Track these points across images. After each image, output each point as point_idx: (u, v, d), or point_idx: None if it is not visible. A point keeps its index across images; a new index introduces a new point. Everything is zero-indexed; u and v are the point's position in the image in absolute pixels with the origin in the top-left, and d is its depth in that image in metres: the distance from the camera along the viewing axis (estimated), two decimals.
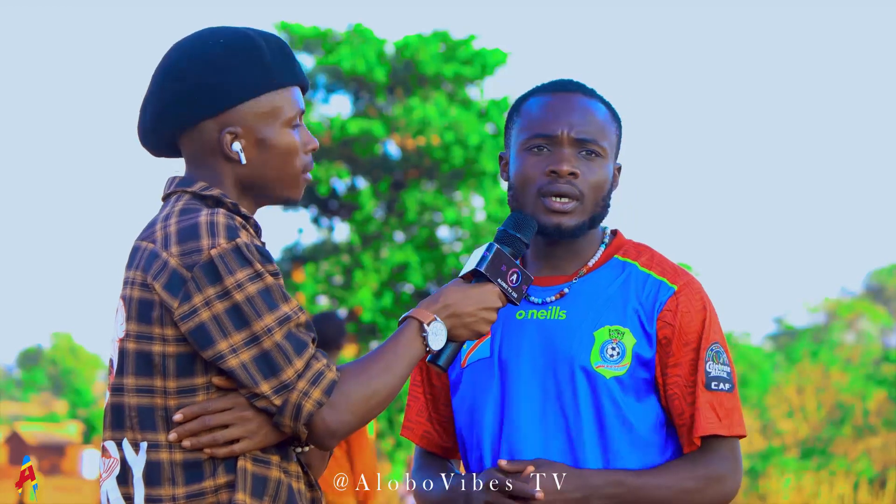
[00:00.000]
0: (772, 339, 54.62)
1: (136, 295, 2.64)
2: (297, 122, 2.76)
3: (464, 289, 2.80)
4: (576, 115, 3.05)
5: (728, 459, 3.02)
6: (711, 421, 2.98)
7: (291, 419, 2.59)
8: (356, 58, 27.95)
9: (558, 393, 3.01)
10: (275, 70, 2.73)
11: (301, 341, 2.60)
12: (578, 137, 3.03)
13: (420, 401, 3.24)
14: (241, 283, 2.58)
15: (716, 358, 3.02)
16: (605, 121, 3.07)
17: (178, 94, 2.70)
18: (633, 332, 3.00)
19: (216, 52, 2.71)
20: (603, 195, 3.05)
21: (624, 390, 2.99)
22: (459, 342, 2.81)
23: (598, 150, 3.03)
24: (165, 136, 2.76)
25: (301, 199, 2.98)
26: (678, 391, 3.00)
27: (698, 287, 3.05)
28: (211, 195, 2.70)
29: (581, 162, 3.03)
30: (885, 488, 20.87)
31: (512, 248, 2.92)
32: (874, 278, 67.25)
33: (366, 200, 27.78)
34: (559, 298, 3.05)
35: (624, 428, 2.99)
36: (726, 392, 3.02)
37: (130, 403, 2.65)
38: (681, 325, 3.00)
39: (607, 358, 2.99)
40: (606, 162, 3.05)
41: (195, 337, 2.58)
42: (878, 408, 23.54)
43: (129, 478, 2.64)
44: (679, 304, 3.01)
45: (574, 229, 3.03)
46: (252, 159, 2.73)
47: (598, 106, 3.08)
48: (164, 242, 2.63)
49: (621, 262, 3.07)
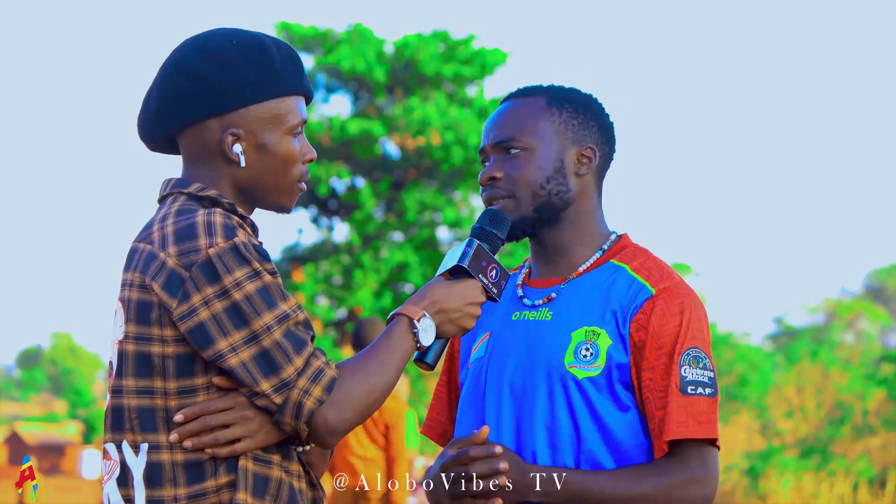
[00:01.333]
0: (771, 339, 54.60)
1: (135, 296, 2.63)
2: (299, 131, 2.76)
3: (448, 285, 2.81)
4: (495, 123, 3.13)
5: (695, 466, 2.94)
6: (684, 424, 2.93)
7: (292, 417, 2.59)
8: (356, 57, 27.96)
9: (533, 392, 3.01)
10: (283, 77, 2.73)
11: (300, 339, 2.60)
12: (495, 142, 3.11)
13: (443, 401, 3.26)
14: (239, 282, 2.57)
15: (693, 363, 2.97)
16: (532, 114, 3.10)
17: (185, 89, 2.70)
18: (609, 333, 2.99)
19: (228, 53, 2.70)
20: (539, 184, 3.07)
21: (598, 391, 2.97)
22: (446, 339, 2.82)
23: (518, 145, 3.08)
24: (167, 131, 2.75)
25: (300, 201, 2.98)
26: (650, 395, 2.97)
27: (681, 292, 3.01)
28: (207, 196, 2.70)
29: (507, 163, 3.09)
30: (885, 488, 20.87)
31: (489, 244, 2.93)
32: (874, 278, 67.27)
33: (365, 200, 27.78)
34: (549, 301, 3.07)
35: (599, 430, 2.97)
36: (706, 397, 2.97)
37: (130, 405, 2.64)
38: (654, 328, 2.97)
39: (580, 358, 2.99)
40: (533, 153, 3.08)
41: (194, 337, 2.58)
42: (878, 408, 23.52)
43: (130, 479, 2.64)
44: (655, 307, 2.98)
45: (517, 223, 3.06)
46: (251, 163, 2.73)
47: (528, 102, 3.13)
48: (161, 243, 2.62)
49: (614, 266, 3.07)
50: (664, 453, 2.95)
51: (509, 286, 3.16)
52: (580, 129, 3.11)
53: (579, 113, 3.12)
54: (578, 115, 3.12)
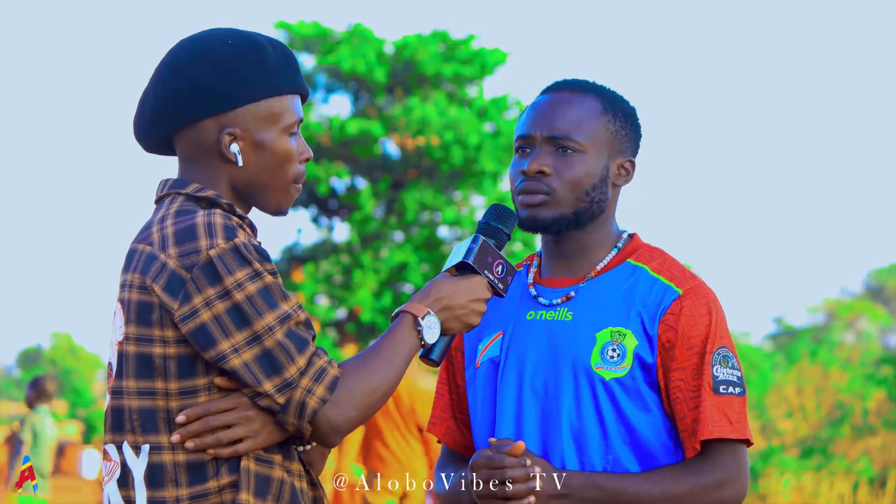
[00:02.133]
0: (771, 339, 54.58)
1: (135, 297, 2.63)
2: (295, 130, 2.76)
3: (453, 281, 2.81)
4: (551, 114, 3.05)
5: (729, 465, 2.97)
6: (718, 424, 2.95)
7: (296, 417, 2.59)
8: (356, 58, 27.96)
9: (558, 393, 3.00)
10: (279, 76, 2.73)
11: (302, 339, 2.61)
12: (550, 135, 3.03)
13: (445, 398, 3.25)
14: (240, 283, 2.58)
15: (724, 362, 2.99)
16: (590, 115, 3.06)
17: (181, 90, 2.70)
18: (634, 334, 2.99)
19: (223, 53, 2.70)
20: (586, 190, 3.03)
21: (625, 392, 2.97)
22: (451, 335, 2.82)
23: (573, 145, 3.03)
24: (163, 132, 2.75)
25: (299, 201, 2.98)
26: (680, 395, 2.97)
27: (706, 292, 3.02)
28: (205, 196, 2.70)
29: (557, 159, 3.03)
30: (885, 488, 20.87)
31: (495, 240, 2.92)
32: (874, 278, 67.26)
33: (365, 200, 27.77)
34: (567, 300, 3.05)
35: (626, 431, 2.98)
36: (737, 396, 2.99)
37: (131, 406, 2.64)
38: (684, 329, 2.98)
39: (607, 359, 2.98)
40: (587, 157, 3.03)
41: (196, 338, 2.58)
42: (878, 408, 23.51)
43: (130, 481, 2.64)
44: (683, 308, 2.99)
45: (552, 222, 3.03)
46: (249, 162, 2.73)
47: (583, 101, 3.07)
48: (161, 244, 2.62)
49: (633, 266, 3.06)
50: (696, 453, 2.97)
51: (518, 284, 3.14)
52: (626, 141, 3.10)
53: (628, 123, 3.10)
54: (627, 126, 3.10)
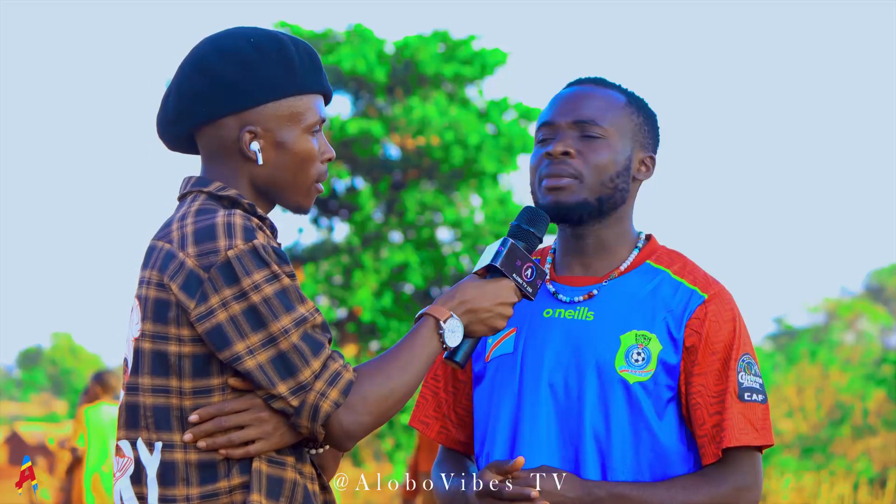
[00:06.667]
0: (771, 339, 54.50)
1: (153, 295, 2.64)
2: (317, 130, 2.75)
3: (479, 284, 2.79)
4: (576, 102, 3.05)
5: (748, 472, 2.95)
6: (744, 431, 2.94)
7: (309, 420, 2.59)
8: (356, 58, 27.94)
9: (581, 394, 2.97)
10: (302, 75, 2.73)
11: (317, 342, 2.60)
12: (576, 120, 3.02)
13: (439, 396, 3.20)
14: (257, 285, 2.57)
15: (748, 369, 2.98)
16: (614, 105, 3.06)
17: (203, 87, 2.70)
18: (659, 338, 2.97)
19: (246, 51, 2.70)
20: (609, 176, 3.01)
21: (648, 396, 2.95)
22: (476, 338, 2.80)
23: (599, 131, 3.02)
24: (185, 129, 2.75)
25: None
26: (701, 401, 2.95)
27: (729, 298, 3.02)
28: (227, 195, 2.70)
29: (582, 143, 3.02)
30: (885, 488, 20.85)
31: (525, 243, 2.90)
32: (874, 278, 67.20)
33: (365, 201, 27.76)
34: (588, 299, 3.02)
35: (647, 435, 2.95)
36: (760, 403, 2.99)
37: (146, 403, 2.65)
38: (708, 333, 2.96)
39: (632, 363, 2.96)
40: (612, 143, 3.03)
41: (212, 338, 2.58)
42: (878, 408, 23.50)
43: (143, 477, 2.65)
44: (708, 312, 2.97)
45: (575, 207, 3.00)
46: (269, 161, 2.73)
47: (607, 93, 3.07)
48: (180, 243, 2.62)
49: (654, 269, 3.04)
50: (715, 459, 2.95)
51: None
52: (648, 137, 3.10)
53: (650, 121, 3.11)
54: (649, 123, 3.11)
